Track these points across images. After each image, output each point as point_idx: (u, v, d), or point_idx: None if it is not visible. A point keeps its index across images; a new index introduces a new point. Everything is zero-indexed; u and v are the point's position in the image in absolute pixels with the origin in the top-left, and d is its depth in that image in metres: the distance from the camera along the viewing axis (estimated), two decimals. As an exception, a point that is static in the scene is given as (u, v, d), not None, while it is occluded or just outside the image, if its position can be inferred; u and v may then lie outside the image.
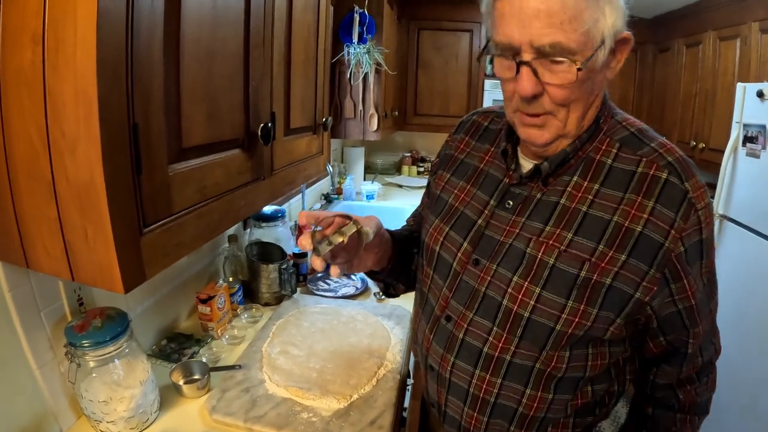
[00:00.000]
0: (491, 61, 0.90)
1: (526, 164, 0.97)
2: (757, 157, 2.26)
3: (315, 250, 0.88)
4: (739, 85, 2.42)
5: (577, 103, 0.84)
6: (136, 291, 1.33)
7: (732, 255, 2.43)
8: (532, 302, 0.88)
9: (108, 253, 0.69)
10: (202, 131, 0.88)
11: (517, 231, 0.92)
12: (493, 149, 1.06)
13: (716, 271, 0.93)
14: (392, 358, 1.44)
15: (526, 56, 0.79)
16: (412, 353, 1.27)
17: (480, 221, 0.98)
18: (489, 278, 0.93)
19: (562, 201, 0.90)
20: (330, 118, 1.62)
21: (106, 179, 0.65)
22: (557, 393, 0.94)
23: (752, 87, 2.30)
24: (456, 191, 1.07)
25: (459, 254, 0.99)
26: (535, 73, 0.79)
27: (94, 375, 1.05)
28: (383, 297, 1.91)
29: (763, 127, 2.20)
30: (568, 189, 0.90)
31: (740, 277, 2.33)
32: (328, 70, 1.67)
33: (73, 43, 0.61)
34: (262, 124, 1.06)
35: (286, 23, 1.22)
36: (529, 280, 0.88)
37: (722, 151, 2.51)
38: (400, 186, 4.06)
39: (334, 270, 0.93)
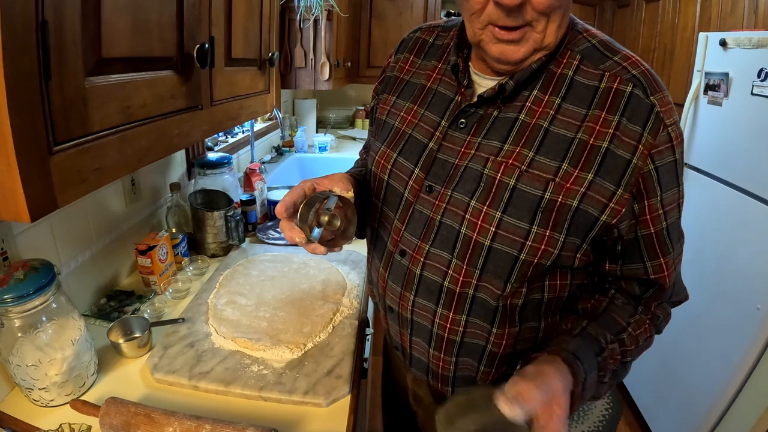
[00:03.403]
0: None
1: (481, 80, 0.89)
2: (719, 104, 2.28)
3: (309, 241, 0.83)
4: (702, 35, 2.42)
5: (558, 11, 0.75)
6: (68, 245, 1.26)
7: (694, 203, 2.45)
8: (493, 228, 0.81)
9: (10, 172, 0.57)
10: (126, 43, 0.77)
11: (473, 152, 0.84)
12: (441, 65, 0.97)
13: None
14: (348, 303, 1.38)
15: None
16: (369, 297, 1.19)
17: (431, 144, 0.90)
18: (444, 205, 0.86)
19: (522, 117, 0.82)
20: (276, 53, 1.50)
21: (8, 83, 0.54)
22: (522, 323, 0.89)
23: (714, 36, 2.30)
24: (402, 114, 0.98)
25: (410, 182, 0.91)
26: None
27: (20, 335, 0.94)
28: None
29: (726, 75, 2.20)
30: (528, 104, 0.83)
31: (702, 224, 2.36)
32: (275, 6, 1.55)
33: None
34: (198, 46, 0.94)
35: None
36: (488, 204, 0.81)
37: (681, 105, 2.53)
38: (354, 138, 3.97)
39: (337, 248, 0.89)
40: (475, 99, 0.86)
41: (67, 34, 0.63)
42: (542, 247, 0.79)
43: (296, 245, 0.88)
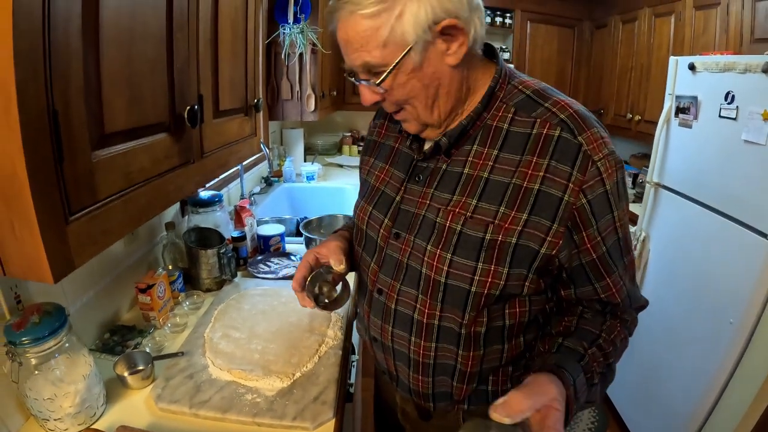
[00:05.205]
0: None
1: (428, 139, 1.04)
2: (689, 127, 2.37)
3: (318, 306, 1.15)
4: (672, 59, 2.51)
5: (418, 99, 0.93)
6: (74, 285, 1.37)
7: (667, 221, 2.57)
8: (446, 268, 0.94)
9: (35, 244, 0.67)
10: (125, 116, 0.87)
11: (428, 202, 0.99)
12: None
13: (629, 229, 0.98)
14: (333, 335, 1.48)
15: (360, 75, 0.92)
16: (357, 331, 1.31)
17: (397, 197, 1.05)
18: (409, 249, 1.00)
19: (466, 170, 0.96)
20: (261, 99, 1.61)
21: (29, 170, 0.64)
22: (487, 347, 1.00)
23: (684, 60, 2.39)
24: (377, 172, 1.14)
25: (381, 230, 1.06)
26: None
27: (36, 372, 1.03)
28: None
29: (695, 98, 2.30)
30: (470, 158, 0.96)
31: (675, 241, 2.47)
32: (259, 51, 1.66)
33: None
34: (188, 107, 1.05)
35: (212, 3, 1.20)
36: (440, 247, 0.95)
37: (657, 123, 2.62)
38: (341, 166, 4.06)
39: (340, 307, 1.22)
40: (422, 156, 1.02)
41: (74, 118, 0.72)
42: (489, 279, 0.92)
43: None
